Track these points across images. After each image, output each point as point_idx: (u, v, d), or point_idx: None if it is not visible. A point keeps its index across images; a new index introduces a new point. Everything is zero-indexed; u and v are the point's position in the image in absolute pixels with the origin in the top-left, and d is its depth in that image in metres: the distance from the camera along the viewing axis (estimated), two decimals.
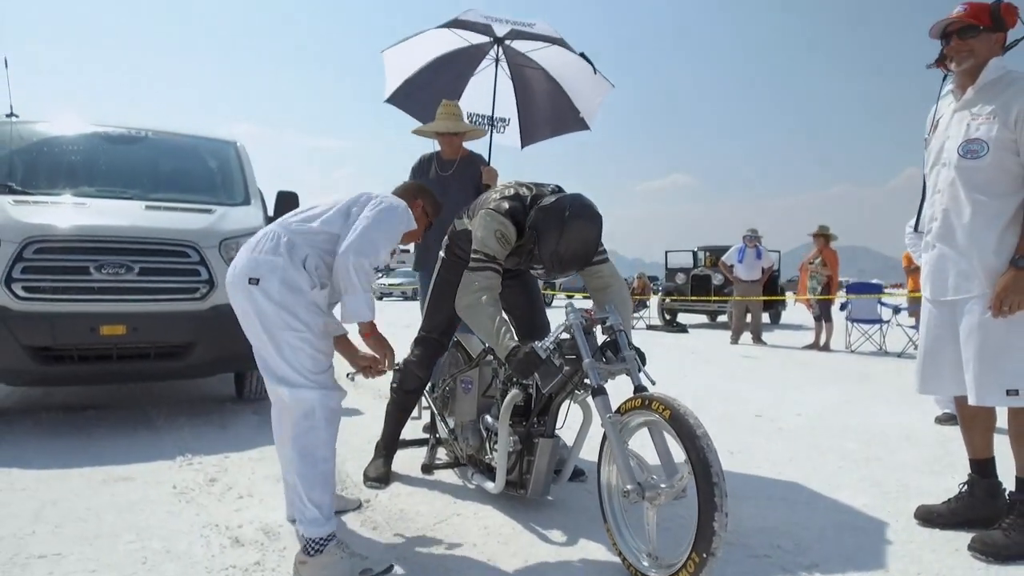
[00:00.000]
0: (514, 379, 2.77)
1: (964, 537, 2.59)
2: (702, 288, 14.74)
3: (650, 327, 14.38)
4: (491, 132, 4.36)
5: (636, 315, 14.60)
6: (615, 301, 2.74)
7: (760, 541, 2.60)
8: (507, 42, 4.31)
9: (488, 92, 4.38)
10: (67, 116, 5.45)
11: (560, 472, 2.89)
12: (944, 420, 4.69)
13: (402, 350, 3.08)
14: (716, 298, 14.26)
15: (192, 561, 2.37)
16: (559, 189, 2.84)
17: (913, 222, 5.59)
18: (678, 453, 2.14)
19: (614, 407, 2.36)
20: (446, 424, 3.43)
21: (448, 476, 3.42)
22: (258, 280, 2.33)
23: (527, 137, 4.75)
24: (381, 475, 3.27)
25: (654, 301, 16.49)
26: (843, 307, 10.45)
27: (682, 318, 15.53)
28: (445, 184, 3.98)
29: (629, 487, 2.19)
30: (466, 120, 4.29)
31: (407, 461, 3.55)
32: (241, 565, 2.33)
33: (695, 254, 16.85)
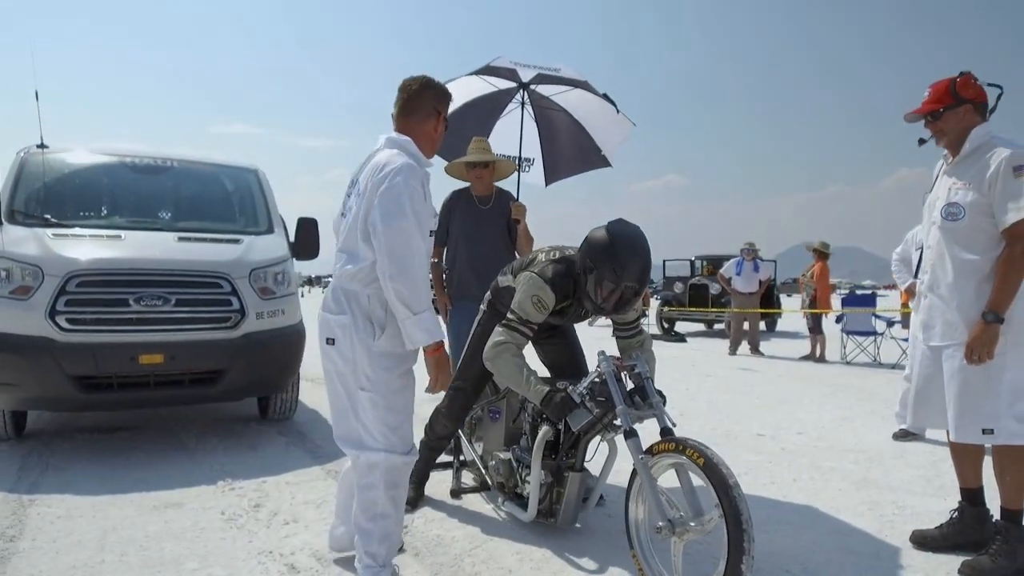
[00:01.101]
0: (544, 416, 2.96)
1: (955, 560, 2.84)
2: (700, 298, 15.01)
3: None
4: (519, 171, 4.59)
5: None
6: (640, 343, 2.99)
7: (771, 565, 2.84)
8: (532, 87, 4.55)
9: (513, 133, 4.61)
10: (93, 145, 5.64)
11: (587, 500, 3.08)
12: (900, 436, 5.12)
13: None
14: (714, 309, 14.54)
15: None
16: None
17: (900, 248, 5.93)
18: (703, 492, 2.37)
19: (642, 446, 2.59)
20: (474, 449, 3.65)
21: (475, 500, 3.65)
22: (333, 340, 2.47)
23: (551, 175, 4.99)
24: (411, 499, 3.38)
25: (653, 307, 16.75)
26: (839, 319, 10.73)
27: (679, 326, 15.81)
28: (480, 218, 4.22)
29: (661, 524, 2.39)
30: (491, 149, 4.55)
31: (435, 485, 3.79)
32: None
33: (692, 263, 17.13)
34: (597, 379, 2.75)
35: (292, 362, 5.02)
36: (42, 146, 5.44)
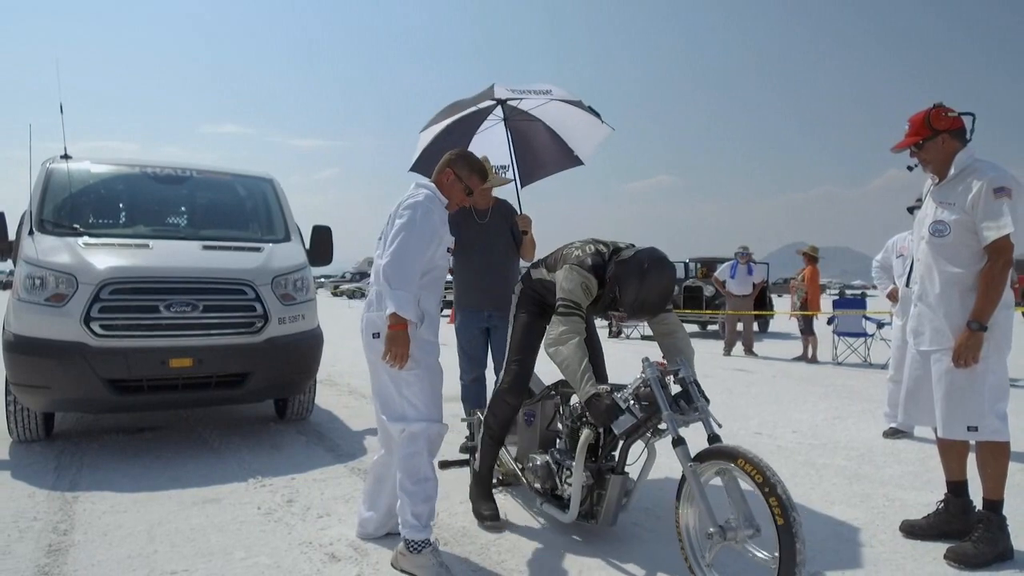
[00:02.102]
0: (584, 418, 3.08)
1: (941, 548, 3.09)
2: (694, 300, 15.29)
3: (644, 337, 14.90)
4: (516, 182, 4.80)
5: (631, 325, 15.11)
6: (683, 349, 3.13)
7: (771, 550, 3.08)
8: (509, 102, 4.78)
9: (489, 145, 4.87)
10: (113, 156, 5.85)
11: (625, 502, 3.14)
12: (890, 434, 5.40)
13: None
14: (708, 311, 14.82)
15: (303, 574, 2.83)
16: (632, 245, 3.20)
17: (880, 256, 6.24)
18: (751, 496, 2.51)
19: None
20: (507, 450, 3.76)
21: (497, 493, 3.86)
22: (378, 334, 2.89)
23: (525, 179, 5.19)
24: (494, 513, 3.41)
25: None
26: (830, 321, 11.03)
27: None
28: (485, 231, 4.45)
29: (712, 529, 2.51)
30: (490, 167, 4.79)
31: (454, 480, 4.02)
32: None
33: (687, 265, 17.41)
34: (642, 385, 2.83)
35: (312, 364, 5.25)
36: (66, 156, 5.65)
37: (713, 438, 2.68)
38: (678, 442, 2.66)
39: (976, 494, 3.20)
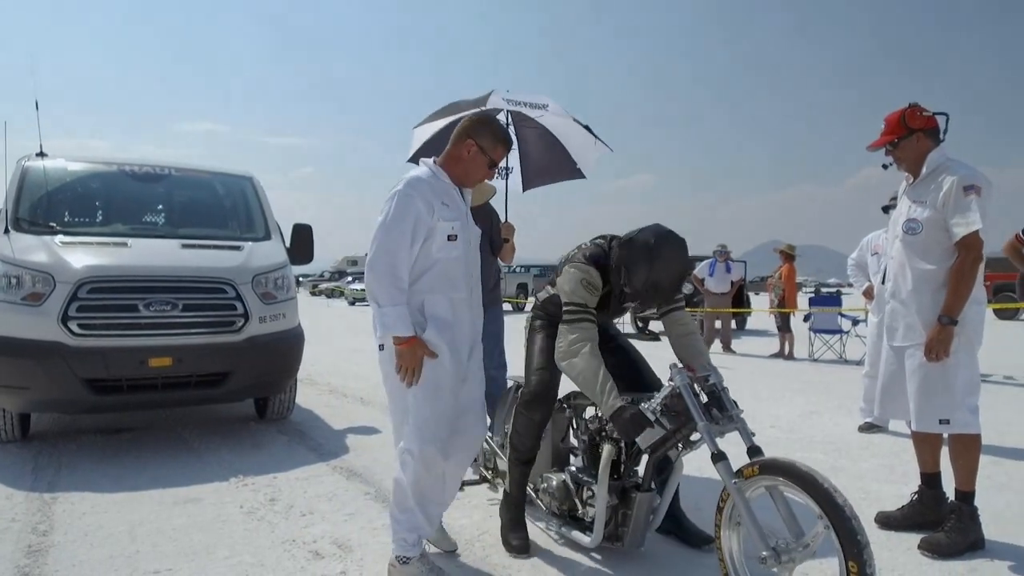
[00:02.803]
0: (604, 432, 2.85)
1: (915, 538, 3.17)
2: None
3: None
4: (507, 185, 4.86)
5: (653, 315, 15.19)
6: (703, 352, 2.94)
7: (748, 543, 3.14)
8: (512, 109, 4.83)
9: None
10: (89, 154, 5.80)
11: (652, 520, 2.89)
12: (865, 429, 5.50)
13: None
14: (688, 309, 14.94)
15: (287, 572, 2.83)
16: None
17: (855, 254, 6.35)
18: (801, 509, 2.33)
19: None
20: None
21: (477, 492, 3.88)
22: (383, 346, 2.64)
23: (527, 183, 5.27)
24: (524, 544, 3.05)
25: None
26: (806, 318, 11.18)
27: (653, 325, 16.18)
28: None
29: (765, 553, 2.28)
30: None
31: None
32: (331, 574, 2.80)
33: None
34: (671, 394, 2.58)
35: (293, 364, 5.23)
36: (41, 154, 5.58)
37: (753, 450, 2.46)
38: (719, 457, 2.42)
39: (949, 486, 3.28)
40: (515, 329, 4.34)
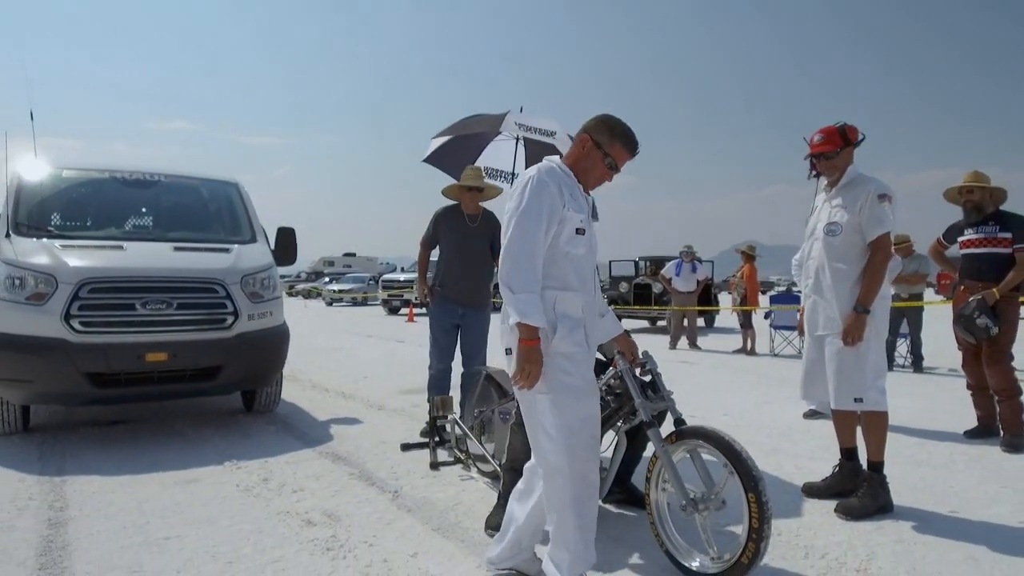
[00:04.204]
0: None
1: (834, 503, 3.63)
2: (643, 296, 15.92)
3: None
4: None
5: None
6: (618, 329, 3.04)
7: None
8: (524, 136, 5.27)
9: (498, 153, 5.37)
10: (81, 160, 6.11)
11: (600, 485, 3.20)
12: (809, 415, 6.00)
13: (370, 358, 3.85)
14: (657, 307, 15.47)
15: (283, 537, 3.22)
16: None
17: (799, 255, 6.83)
18: (714, 467, 2.74)
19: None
20: (484, 447, 4.06)
21: (451, 471, 4.29)
22: (510, 350, 2.48)
23: None
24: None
25: None
26: (767, 316, 11.73)
27: (625, 323, 16.70)
28: (468, 233, 4.88)
29: (684, 503, 2.70)
30: (484, 175, 5.30)
31: (416, 460, 4.46)
32: (322, 538, 3.20)
33: (636, 264, 18.08)
34: (614, 377, 3.05)
35: (279, 358, 5.61)
36: (36, 161, 5.89)
37: (679, 422, 2.87)
38: (650, 425, 2.81)
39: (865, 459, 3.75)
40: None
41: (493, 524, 3.20)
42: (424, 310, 5.10)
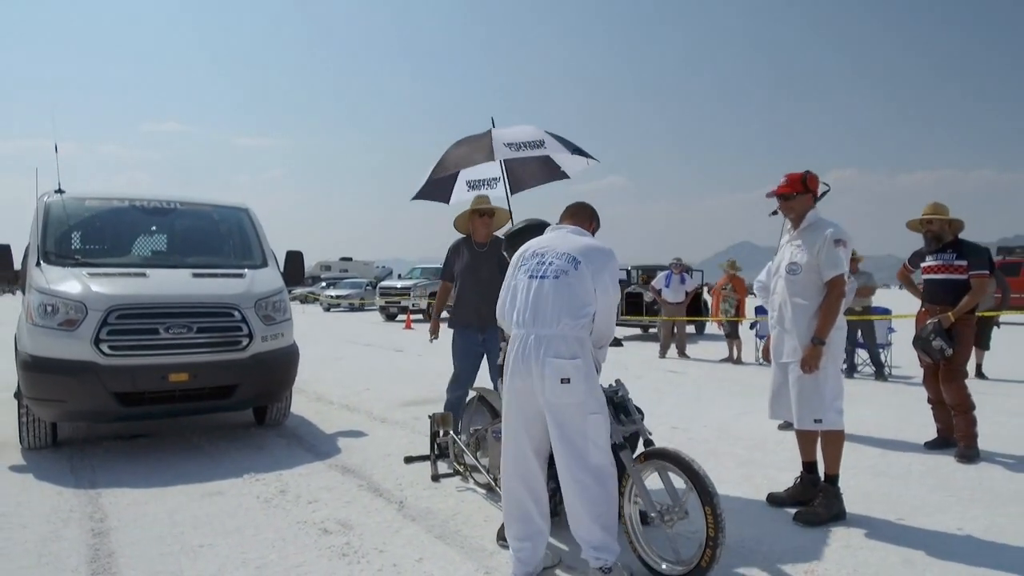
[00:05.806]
0: None
1: (793, 512, 4.06)
2: (635, 305, 16.37)
3: None
4: (511, 216, 5.35)
5: None
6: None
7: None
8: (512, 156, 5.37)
9: (485, 168, 5.53)
10: (102, 189, 6.53)
11: None
12: (784, 427, 6.34)
13: (366, 361, 4.27)
14: (648, 316, 15.92)
15: (303, 544, 3.64)
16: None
17: (762, 276, 7.18)
18: (679, 483, 3.19)
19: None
20: (480, 463, 4.42)
21: (451, 483, 4.70)
22: (568, 380, 3.02)
23: (515, 187, 5.91)
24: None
25: None
26: (752, 326, 12.18)
27: (618, 331, 17.13)
28: (479, 260, 5.22)
29: (652, 515, 3.16)
30: (465, 186, 5.60)
31: (417, 472, 4.87)
32: (337, 545, 3.62)
33: (628, 272, 18.53)
34: None
35: (290, 376, 6.03)
36: (60, 191, 6.30)
37: (648, 443, 3.32)
38: (621, 447, 3.21)
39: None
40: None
41: (503, 536, 3.56)
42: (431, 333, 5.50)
